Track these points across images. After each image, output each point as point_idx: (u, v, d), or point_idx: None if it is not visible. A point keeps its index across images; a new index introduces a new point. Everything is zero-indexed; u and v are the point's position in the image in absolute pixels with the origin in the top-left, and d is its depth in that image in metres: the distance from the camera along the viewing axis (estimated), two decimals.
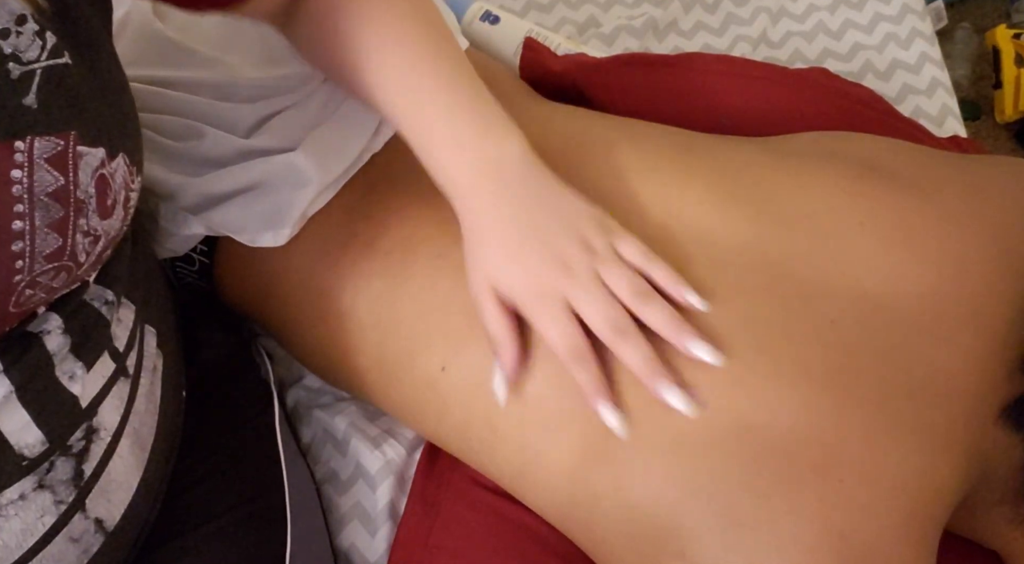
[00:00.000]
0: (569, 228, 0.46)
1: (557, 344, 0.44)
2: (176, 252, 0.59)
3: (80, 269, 0.37)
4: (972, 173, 0.52)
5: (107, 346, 0.41)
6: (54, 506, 0.39)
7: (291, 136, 0.56)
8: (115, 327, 0.42)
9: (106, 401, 0.41)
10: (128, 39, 0.60)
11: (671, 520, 0.41)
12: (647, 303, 0.44)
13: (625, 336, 0.44)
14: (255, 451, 0.55)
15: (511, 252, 0.46)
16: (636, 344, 0.43)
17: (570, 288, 0.44)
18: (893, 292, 0.46)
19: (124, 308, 0.43)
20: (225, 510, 0.51)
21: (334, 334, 0.56)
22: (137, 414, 0.44)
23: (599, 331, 0.44)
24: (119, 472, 0.43)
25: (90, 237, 0.37)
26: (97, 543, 0.42)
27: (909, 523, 0.40)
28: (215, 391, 0.56)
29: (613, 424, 0.43)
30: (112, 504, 0.42)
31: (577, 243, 0.45)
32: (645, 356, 0.43)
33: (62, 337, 0.38)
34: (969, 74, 1.49)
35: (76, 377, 0.39)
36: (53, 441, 0.38)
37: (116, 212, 0.38)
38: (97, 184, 0.36)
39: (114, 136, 0.38)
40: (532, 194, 0.47)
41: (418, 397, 0.52)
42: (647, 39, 0.83)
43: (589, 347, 0.44)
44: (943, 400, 0.44)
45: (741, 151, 0.55)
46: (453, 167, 0.47)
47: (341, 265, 0.55)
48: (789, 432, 0.41)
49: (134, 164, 0.40)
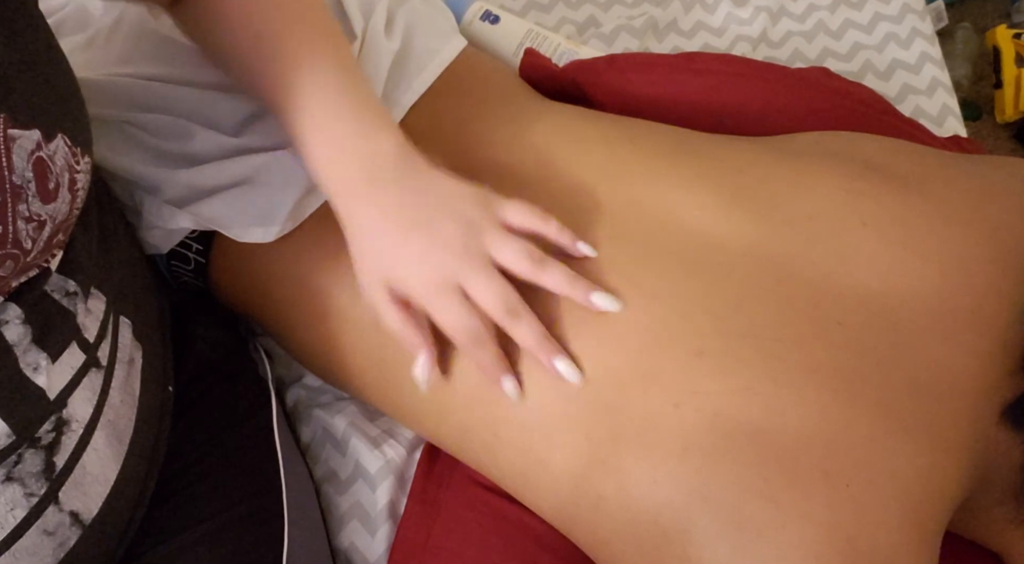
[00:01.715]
0: (452, 212, 0.46)
1: (455, 332, 0.45)
2: (160, 248, 0.59)
3: (28, 256, 0.36)
4: (973, 173, 0.52)
5: (74, 337, 0.40)
6: (24, 499, 0.38)
7: (282, 134, 0.56)
8: (83, 317, 0.41)
9: (76, 392, 0.41)
10: (122, 38, 0.60)
11: (677, 523, 0.41)
12: (543, 268, 0.45)
13: (518, 318, 0.45)
14: (252, 450, 0.55)
15: (397, 246, 0.45)
16: (528, 324, 0.45)
17: (461, 272, 0.45)
18: (896, 292, 0.46)
19: (93, 299, 0.42)
20: (221, 509, 0.50)
21: (333, 334, 0.55)
22: (112, 406, 0.44)
23: (493, 315, 0.45)
24: (94, 465, 0.42)
25: (34, 223, 0.35)
26: (74, 536, 0.41)
27: (914, 525, 0.40)
28: (211, 389, 0.56)
29: (513, 394, 0.46)
30: (88, 497, 0.42)
31: (462, 225, 0.46)
32: (537, 335, 0.45)
33: (22, 327, 0.37)
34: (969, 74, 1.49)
35: (40, 368, 0.38)
36: (19, 433, 0.37)
37: (61, 195, 0.37)
38: (35, 167, 0.35)
39: (50, 115, 0.36)
40: (410, 186, 0.47)
41: (418, 399, 0.52)
42: (647, 39, 0.83)
43: (486, 329, 0.45)
44: (946, 400, 0.44)
45: (742, 151, 0.55)
46: (329, 167, 0.47)
47: (340, 265, 0.55)
48: (797, 436, 0.41)
49: (77, 145, 0.38)
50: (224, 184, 0.56)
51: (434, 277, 0.45)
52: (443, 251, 0.45)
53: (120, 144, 0.57)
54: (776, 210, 0.50)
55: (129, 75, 0.58)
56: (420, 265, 0.45)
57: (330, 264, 0.55)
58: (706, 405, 0.42)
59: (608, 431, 0.44)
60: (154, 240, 0.58)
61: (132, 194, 0.57)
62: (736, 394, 0.42)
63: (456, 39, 0.64)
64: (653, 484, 0.42)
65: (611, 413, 0.44)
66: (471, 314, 0.45)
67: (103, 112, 0.57)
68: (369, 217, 0.46)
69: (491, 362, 0.46)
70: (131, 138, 0.57)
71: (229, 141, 0.56)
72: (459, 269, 0.45)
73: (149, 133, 0.57)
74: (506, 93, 0.62)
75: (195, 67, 0.59)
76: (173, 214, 0.56)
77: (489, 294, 0.45)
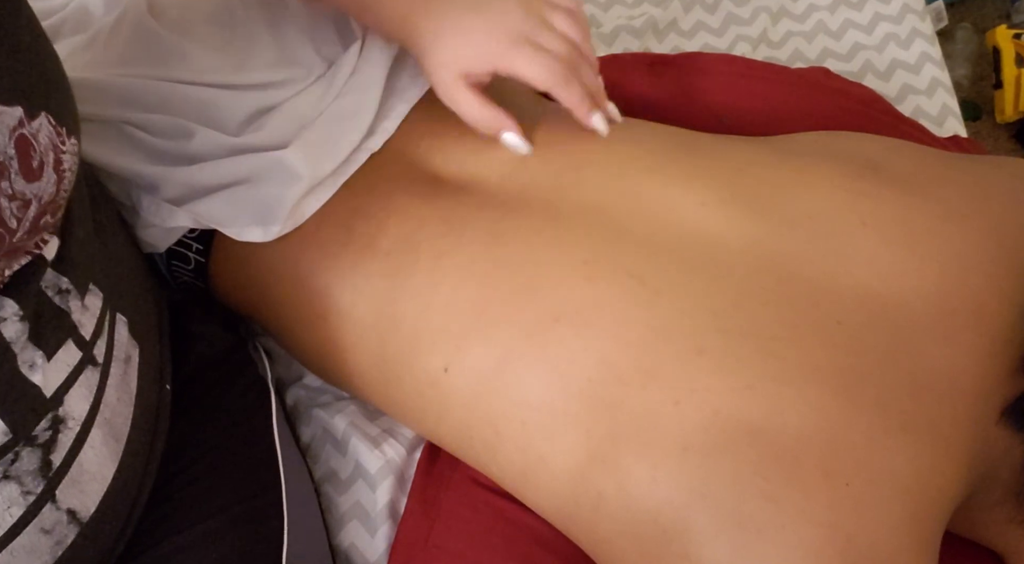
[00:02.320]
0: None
1: (546, 76, 0.50)
2: (158, 247, 0.59)
3: (14, 236, 0.36)
4: (973, 173, 0.52)
5: (70, 334, 0.40)
6: (21, 497, 0.38)
7: (282, 134, 0.56)
8: (79, 315, 0.41)
9: (73, 390, 0.40)
10: (122, 38, 0.60)
11: (678, 522, 0.41)
12: (579, 62, 0.52)
13: (579, 68, 0.52)
14: (252, 449, 0.55)
15: (467, 31, 0.51)
16: (588, 74, 0.52)
17: (529, 30, 0.51)
18: (896, 292, 0.46)
19: (91, 295, 0.42)
20: (220, 509, 0.50)
21: (334, 334, 0.55)
22: (108, 404, 0.44)
23: (566, 59, 0.51)
24: (91, 463, 0.42)
25: (17, 201, 0.35)
26: (72, 534, 0.41)
27: (913, 524, 0.40)
28: (211, 388, 0.56)
29: (603, 129, 0.53)
30: (86, 495, 0.42)
31: (519, 2, 0.52)
32: (596, 85, 0.53)
33: (20, 324, 0.37)
34: (969, 74, 1.49)
35: (36, 366, 0.38)
36: (16, 431, 0.37)
37: (45, 174, 0.37)
38: (17, 144, 0.35)
39: (33, 94, 0.36)
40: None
41: (419, 397, 0.52)
42: (647, 39, 0.83)
43: (571, 67, 0.51)
44: (946, 400, 0.44)
45: (742, 151, 0.55)
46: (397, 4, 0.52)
47: (341, 265, 0.55)
48: (798, 435, 0.41)
49: (62, 125, 0.38)
50: (224, 183, 0.56)
51: (508, 37, 0.50)
52: (509, 19, 0.51)
53: (119, 143, 0.57)
54: (776, 209, 0.50)
55: (129, 75, 0.58)
56: (494, 30, 0.50)
57: (330, 264, 0.55)
58: (706, 403, 0.42)
59: (608, 429, 0.44)
60: (151, 239, 0.58)
61: (129, 193, 0.57)
62: (736, 393, 0.42)
63: None
64: (653, 482, 0.42)
65: (611, 410, 0.44)
66: (554, 57, 0.50)
67: (103, 112, 0.57)
68: (434, 19, 0.51)
69: (581, 98, 0.51)
70: (130, 138, 0.57)
71: (229, 140, 0.56)
72: (527, 28, 0.51)
73: (148, 133, 0.57)
74: (506, 93, 0.62)
75: (195, 67, 0.59)
76: (171, 212, 0.56)
77: (557, 42, 0.51)
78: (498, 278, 0.49)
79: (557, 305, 0.47)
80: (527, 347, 0.47)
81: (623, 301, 0.46)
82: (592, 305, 0.47)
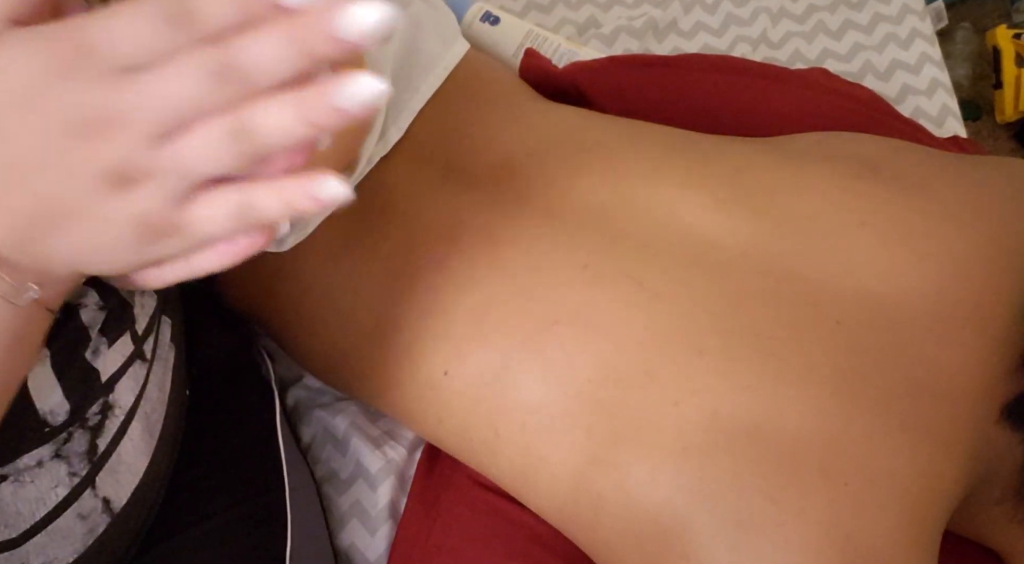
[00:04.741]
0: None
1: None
2: None
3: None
4: (972, 173, 0.52)
5: (129, 327, 0.42)
6: (68, 478, 0.39)
7: None
8: (138, 309, 0.43)
9: (123, 380, 0.42)
10: None
11: (677, 522, 0.41)
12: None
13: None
14: (256, 450, 0.55)
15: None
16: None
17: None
18: (895, 292, 0.46)
19: (147, 295, 0.44)
20: (225, 508, 0.51)
21: (335, 337, 0.56)
22: (149, 399, 0.45)
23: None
24: (128, 454, 0.43)
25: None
26: (103, 523, 0.42)
27: (913, 523, 0.41)
28: (215, 390, 0.57)
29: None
30: (120, 485, 0.43)
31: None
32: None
33: (97, 312, 0.39)
34: (969, 74, 1.49)
35: (99, 352, 0.40)
36: (75, 411, 0.38)
37: None
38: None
39: None
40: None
41: (419, 400, 0.52)
42: (647, 39, 0.83)
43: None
44: (945, 399, 0.44)
45: (742, 152, 0.55)
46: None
47: (343, 269, 0.55)
48: (796, 435, 0.41)
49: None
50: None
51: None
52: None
53: None
54: (775, 210, 0.50)
55: None
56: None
57: (332, 268, 0.55)
58: (706, 404, 0.42)
59: (608, 429, 0.44)
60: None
61: None
62: (736, 393, 0.43)
63: (459, 42, 0.64)
64: (653, 483, 0.42)
65: (611, 411, 0.44)
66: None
67: None
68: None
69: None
70: None
71: None
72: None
73: None
74: (509, 95, 0.62)
75: None
76: None
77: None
78: (498, 282, 0.49)
79: (556, 308, 0.47)
80: (527, 350, 0.47)
81: (622, 303, 0.47)
82: (591, 307, 0.47)
